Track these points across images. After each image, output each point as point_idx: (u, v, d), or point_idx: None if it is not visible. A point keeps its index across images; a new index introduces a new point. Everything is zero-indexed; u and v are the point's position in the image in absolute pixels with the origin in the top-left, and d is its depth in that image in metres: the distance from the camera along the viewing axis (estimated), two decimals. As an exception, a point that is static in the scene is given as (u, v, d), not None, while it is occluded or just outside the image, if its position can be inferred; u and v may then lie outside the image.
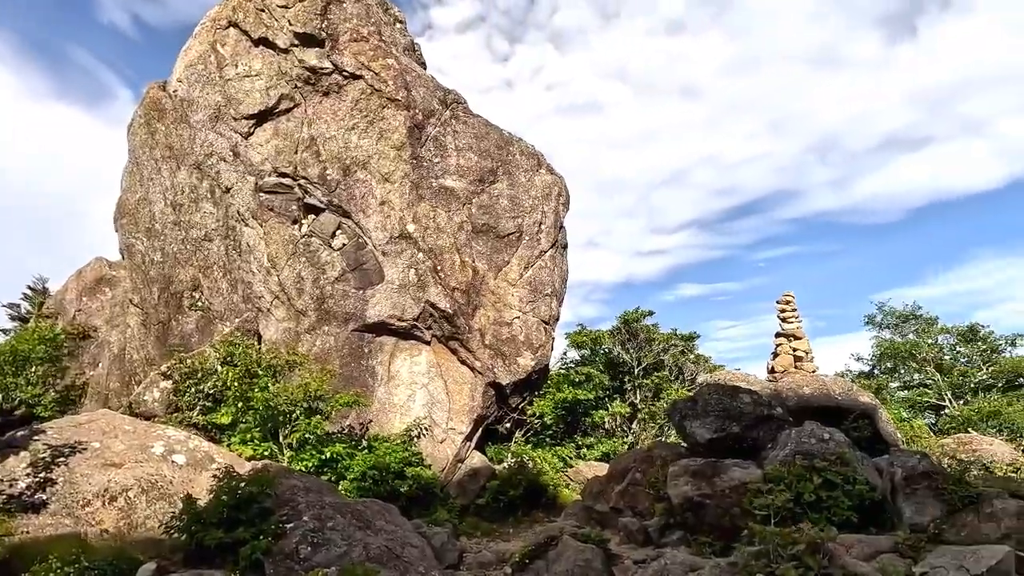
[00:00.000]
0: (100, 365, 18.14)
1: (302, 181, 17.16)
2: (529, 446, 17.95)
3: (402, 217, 16.76)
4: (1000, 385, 34.72)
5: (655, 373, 20.15)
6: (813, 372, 14.90)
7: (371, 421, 16.14)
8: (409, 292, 16.41)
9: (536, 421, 17.56)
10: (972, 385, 35.69)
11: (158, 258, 18.29)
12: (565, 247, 18.94)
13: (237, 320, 16.78)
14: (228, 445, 14.24)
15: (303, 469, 13.33)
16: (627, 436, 19.58)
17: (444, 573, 10.17)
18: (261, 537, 8.90)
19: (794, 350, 15.47)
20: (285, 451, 13.90)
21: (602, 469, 16.75)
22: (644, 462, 13.20)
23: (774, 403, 12.24)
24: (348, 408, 15.69)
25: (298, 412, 14.02)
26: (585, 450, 19.32)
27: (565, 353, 22.13)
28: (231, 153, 17.62)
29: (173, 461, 11.73)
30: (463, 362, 16.71)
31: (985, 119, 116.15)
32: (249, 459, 13.18)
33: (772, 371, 15.60)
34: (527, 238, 17.50)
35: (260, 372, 14.17)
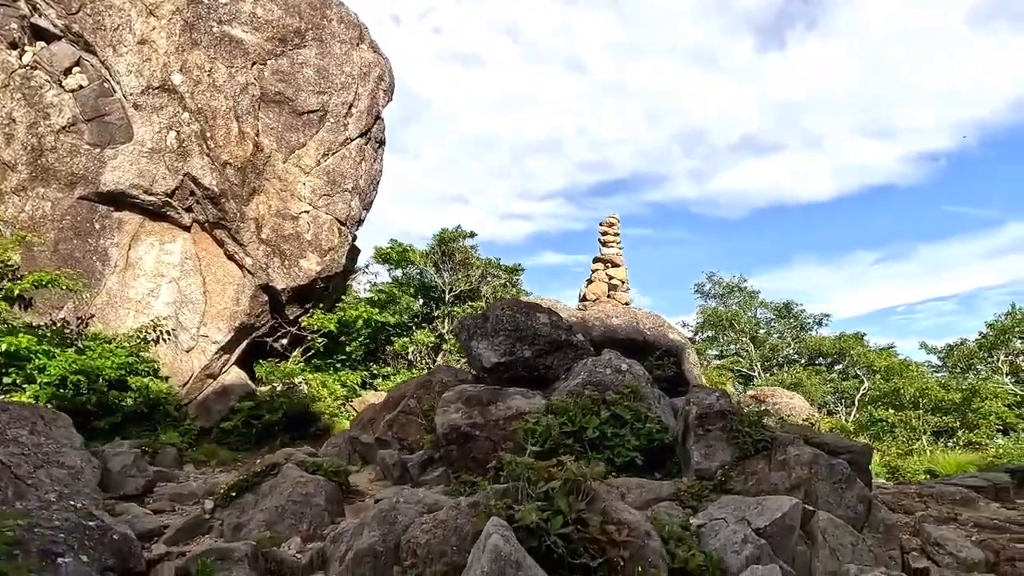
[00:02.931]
0: None
1: (29, -8, 12.89)
2: (309, 368, 15.31)
3: (167, 63, 13.13)
4: (803, 361, 37.15)
5: (469, 302, 18.18)
6: (626, 304, 13.60)
7: (93, 316, 12.66)
8: (164, 159, 12.93)
9: (320, 340, 14.91)
10: (780, 359, 37.93)
11: None
12: (381, 143, 16.20)
13: (-92, 163, 12.39)
14: None
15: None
16: (430, 368, 17.48)
17: (102, 503, 7.40)
18: None
19: (610, 278, 14.04)
20: (-62, 338, 10.22)
21: (391, 401, 14.59)
22: (422, 388, 11.13)
23: (576, 329, 10.55)
24: (61, 296, 12.13)
25: (-36, 287, 10.33)
26: (380, 380, 17.01)
27: (368, 266, 19.44)
28: (-75, -65, 12.86)
29: None
30: (231, 257, 13.61)
31: (824, 136, 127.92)
32: None
33: (584, 299, 14.11)
34: (332, 120, 14.54)
35: (-90, 227, 10.24)
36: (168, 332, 12.92)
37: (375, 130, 15.60)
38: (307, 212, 13.96)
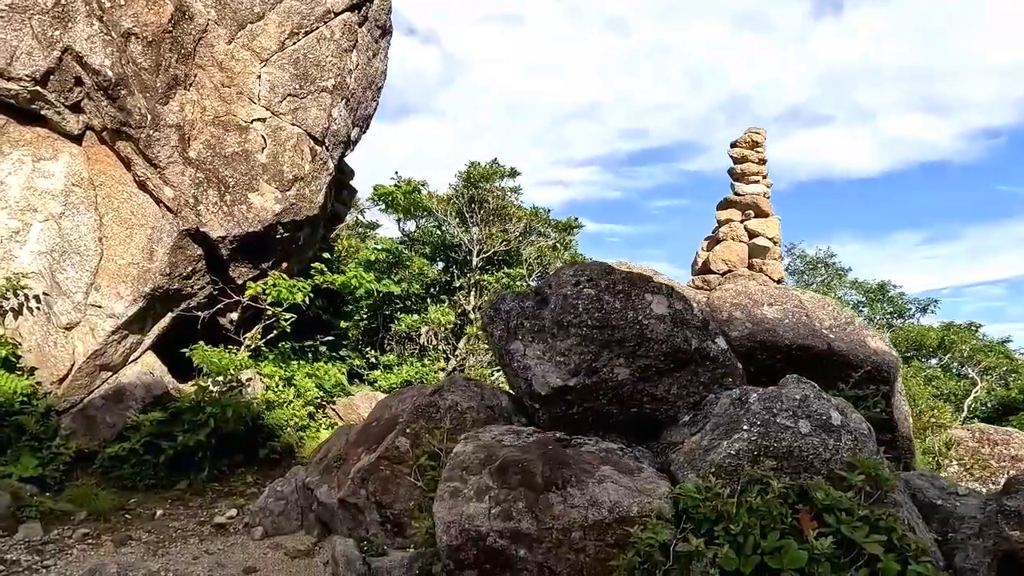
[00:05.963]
0: None
1: None
2: (273, 356, 10.75)
3: None
4: (898, 354, 31.51)
5: (506, 268, 13.25)
6: (779, 282, 8.45)
7: (-82, 269, 8.21)
8: (30, 23, 8.28)
9: (287, 316, 10.27)
10: (870, 350, 32.39)
11: None
12: (385, 31, 11.31)
13: None
14: None
15: None
16: (448, 359, 12.81)
17: None
18: None
19: (752, 236, 8.70)
20: None
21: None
22: (421, 416, 6.43)
23: (712, 327, 5.64)
24: None
25: None
26: (380, 372, 12.40)
27: (363, 213, 14.50)
28: None
29: None
30: (142, 185, 8.98)
31: (874, 110, 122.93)
32: None
33: (705, 269, 8.80)
34: (306, -18, 9.67)
35: None
36: (37, 298, 8.44)
37: (375, 7, 10.68)
38: (262, 120, 9.23)
